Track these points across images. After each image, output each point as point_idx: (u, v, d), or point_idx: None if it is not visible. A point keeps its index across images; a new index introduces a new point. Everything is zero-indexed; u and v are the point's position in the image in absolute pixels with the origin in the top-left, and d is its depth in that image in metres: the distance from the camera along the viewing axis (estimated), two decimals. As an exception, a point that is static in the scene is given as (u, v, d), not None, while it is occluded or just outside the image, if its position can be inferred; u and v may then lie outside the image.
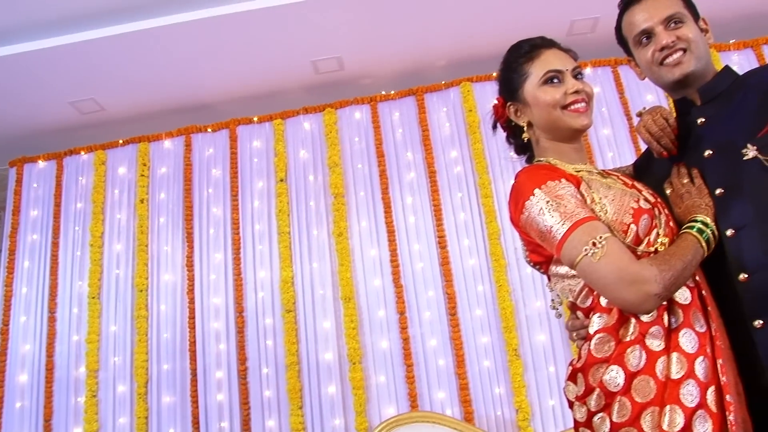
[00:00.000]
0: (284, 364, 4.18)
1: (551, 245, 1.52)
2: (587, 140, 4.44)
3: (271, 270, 4.42)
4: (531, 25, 4.27)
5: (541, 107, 1.70)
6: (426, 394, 4.08)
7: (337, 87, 4.76)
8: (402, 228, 4.38)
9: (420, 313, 4.22)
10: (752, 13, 4.68)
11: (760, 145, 1.59)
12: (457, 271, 4.25)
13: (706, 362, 1.44)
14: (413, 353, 4.14)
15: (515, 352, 4.04)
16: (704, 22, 1.85)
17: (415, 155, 4.54)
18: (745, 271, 1.55)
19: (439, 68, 4.71)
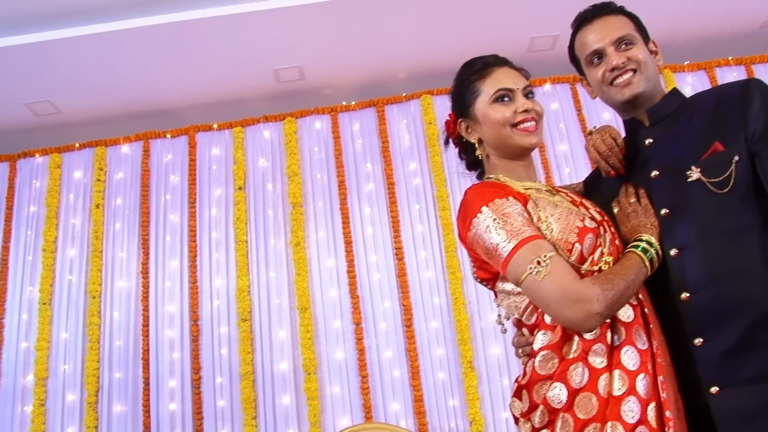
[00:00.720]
0: (239, 373, 4.15)
1: (497, 263, 1.54)
2: (545, 156, 4.50)
3: (228, 278, 4.38)
4: (492, 40, 4.34)
5: (491, 125, 1.72)
6: (380, 406, 4.08)
7: (298, 96, 4.75)
8: (359, 239, 4.39)
9: (376, 324, 4.22)
10: (706, 36, 4.80)
11: (703, 168, 1.63)
12: (413, 283, 4.27)
13: (647, 379, 1.47)
14: (368, 364, 4.14)
15: (470, 364, 4.07)
16: (654, 44, 1.89)
17: (375, 166, 4.56)
18: (687, 290, 1.59)
19: (400, 80, 4.73)
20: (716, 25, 4.74)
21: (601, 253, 1.57)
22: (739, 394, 1.51)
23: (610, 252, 1.59)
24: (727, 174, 1.60)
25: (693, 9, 4.50)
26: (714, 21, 4.69)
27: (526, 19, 4.25)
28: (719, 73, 4.79)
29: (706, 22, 4.69)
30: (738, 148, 1.60)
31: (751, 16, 4.70)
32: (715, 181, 1.61)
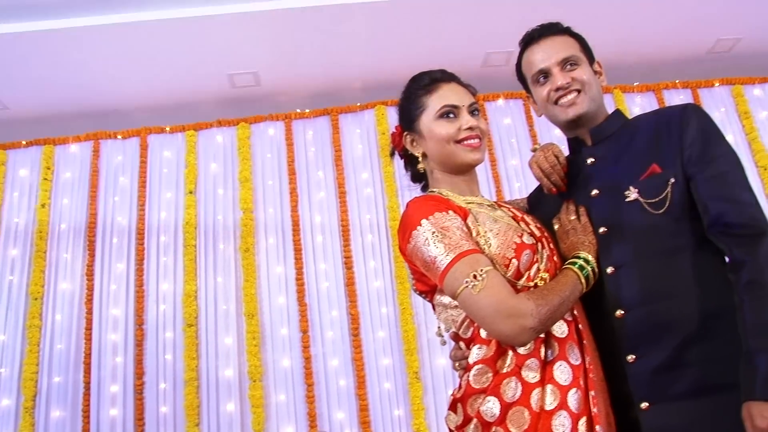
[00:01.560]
0: (183, 379, 4.09)
1: (435, 275, 1.55)
2: (495, 170, 4.56)
3: (175, 283, 4.32)
4: (447, 53, 4.40)
5: (436, 140, 1.73)
6: (325, 414, 4.07)
7: (252, 102, 4.74)
8: (309, 246, 4.38)
9: (323, 332, 4.21)
10: (655, 59, 4.94)
11: (641, 188, 1.67)
12: (361, 292, 4.27)
13: (578, 394, 1.49)
14: (314, 372, 4.13)
15: (416, 374, 4.08)
16: (599, 65, 1.93)
17: (327, 174, 4.56)
18: (622, 307, 1.62)
19: (355, 90, 4.75)
20: (665, 50, 4.88)
21: (537, 269, 1.59)
22: (667, 409, 1.55)
23: (547, 268, 1.61)
24: (663, 195, 1.64)
25: (644, 33, 4.62)
26: (663, 45, 4.83)
27: (481, 34, 4.31)
28: (667, 95, 4.92)
29: (656, 46, 4.82)
30: (674, 171, 1.65)
31: (698, 42, 4.85)
32: (652, 201, 1.65)
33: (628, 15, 4.38)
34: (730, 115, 4.94)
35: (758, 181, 4.77)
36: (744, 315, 1.49)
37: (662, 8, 4.36)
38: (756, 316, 1.48)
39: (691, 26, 4.64)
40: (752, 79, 5.04)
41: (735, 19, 4.63)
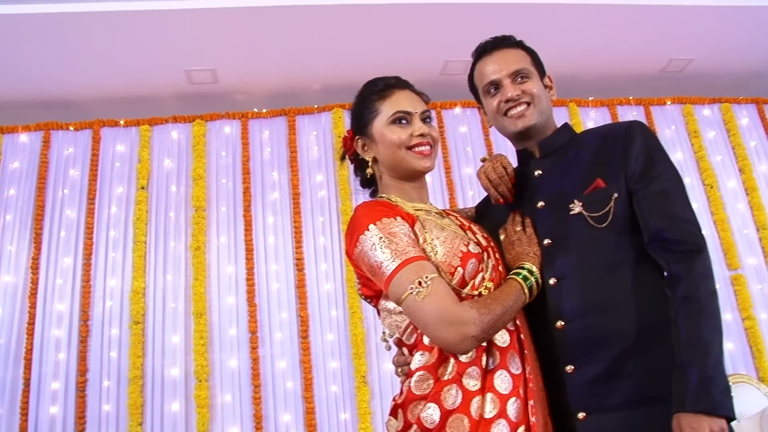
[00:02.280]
0: (127, 377, 4.01)
1: (380, 281, 1.56)
2: (450, 177, 4.59)
3: (123, 279, 4.25)
4: (406, 60, 4.43)
5: (387, 145, 1.74)
6: (271, 416, 4.05)
7: (209, 99, 4.69)
8: (261, 247, 4.35)
9: (272, 333, 4.19)
10: (611, 75, 5.03)
11: (585, 202, 1.70)
12: (312, 295, 4.26)
13: (518, 403, 1.51)
14: (262, 374, 4.10)
15: (363, 378, 4.08)
16: (549, 79, 1.96)
17: (281, 175, 4.53)
18: (562, 318, 1.65)
19: (313, 92, 4.73)
20: (621, 67, 4.98)
21: (482, 278, 1.61)
22: (604, 419, 1.58)
23: (492, 278, 1.63)
24: (606, 209, 1.68)
25: (601, 49, 4.71)
26: (619, 62, 4.93)
27: (440, 42, 4.34)
28: (620, 111, 5.03)
29: (612, 62, 4.92)
30: (618, 186, 1.69)
31: (652, 61, 4.97)
32: (595, 215, 1.68)
33: (585, 30, 4.46)
34: (680, 134, 5.07)
35: (704, 198, 4.90)
36: (678, 329, 1.53)
37: (618, 26, 4.45)
38: (689, 330, 1.52)
39: (645, 45, 4.75)
40: (702, 99, 5.18)
41: (688, 40, 4.75)
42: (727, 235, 4.78)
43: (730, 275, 4.71)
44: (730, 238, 4.78)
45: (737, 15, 4.49)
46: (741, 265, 4.75)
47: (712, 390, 1.46)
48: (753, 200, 4.94)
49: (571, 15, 4.25)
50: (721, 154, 5.06)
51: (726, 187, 4.96)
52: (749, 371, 4.46)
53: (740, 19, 4.54)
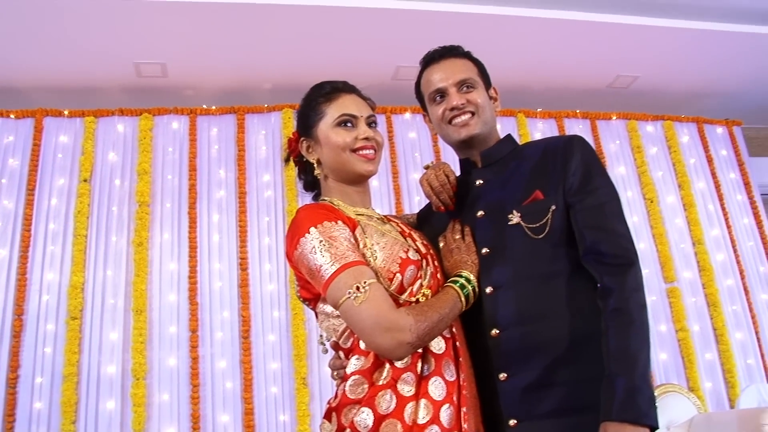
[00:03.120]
0: (62, 374, 3.91)
1: (319, 284, 1.56)
2: (397, 182, 4.61)
3: (61, 273, 4.14)
4: (359, 63, 4.44)
5: (331, 147, 1.75)
6: (209, 416, 3.99)
7: (157, 93, 4.61)
8: (205, 245, 4.30)
9: (212, 333, 4.14)
10: (559, 88, 5.14)
11: (523, 213, 1.73)
12: (254, 295, 4.23)
13: (451, 410, 1.53)
14: (201, 373, 4.04)
15: (303, 380, 4.07)
16: (495, 91, 1.99)
17: (228, 174, 4.49)
18: (497, 327, 1.67)
19: (264, 91, 4.70)
20: (569, 80, 5.09)
21: (420, 285, 1.63)
22: (534, 427, 1.60)
23: (430, 285, 1.65)
24: (543, 221, 1.71)
25: (551, 62, 4.80)
26: (568, 76, 5.03)
27: (393, 47, 4.36)
28: (567, 123, 5.13)
29: (561, 76, 5.02)
30: (556, 199, 1.72)
31: (600, 76, 5.08)
32: (533, 226, 1.71)
33: (536, 43, 4.54)
34: (624, 148, 5.20)
35: (644, 212, 5.04)
36: (608, 340, 1.56)
37: (568, 40, 4.54)
38: (618, 341, 1.55)
39: (594, 60, 4.86)
40: (646, 116, 5.32)
41: (634, 58, 4.87)
42: (665, 249, 4.92)
43: (666, 288, 4.86)
44: (667, 252, 4.92)
45: (682, 37, 4.63)
46: (677, 278, 4.89)
47: (638, 400, 1.49)
48: (690, 216, 5.10)
49: (523, 27, 4.32)
50: (662, 169, 5.21)
51: (665, 202, 5.11)
52: (680, 381, 4.60)
53: (685, 40, 4.68)
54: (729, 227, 5.21)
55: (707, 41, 4.73)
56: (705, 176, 5.31)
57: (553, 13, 4.28)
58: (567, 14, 4.30)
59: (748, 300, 5.02)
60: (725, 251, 5.11)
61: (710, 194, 5.27)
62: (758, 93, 5.60)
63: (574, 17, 4.32)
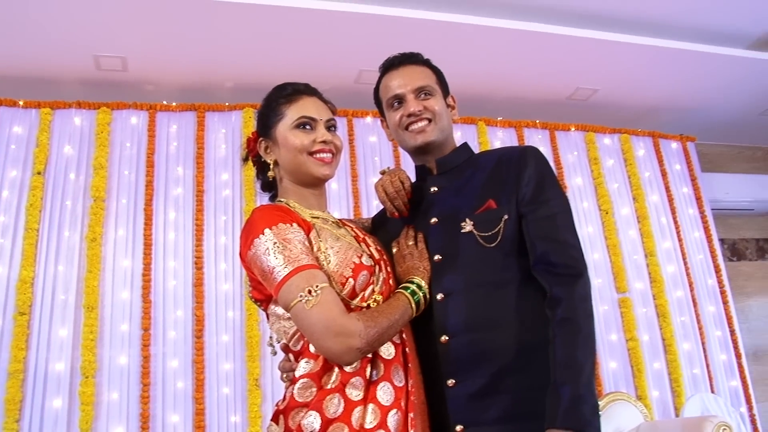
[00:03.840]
0: (6, 371, 3.79)
1: (271, 286, 1.56)
2: (356, 186, 4.61)
3: (10, 267, 4.03)
4: (322, 66, 4.44)
5: (289, 149, 1.75)
6: (159, 416, 3.94)
7: (117, 87, 4.54)
8: (160, 242, 4.24)
9: (165, 331, 4.08)
10: (520, 97, 5.20)
11: (476, 221, 1.75)
12: (209, 294, 4.18)
13: (398, 415, 1.54)
14: (152, 372, 3.98)
15: (256, 382, 4.04)
16: (453, 99, 2.01)
17: (186, 171, 4.43)
18: (447, 333, 1.69)
19: (225, 89, 4.66)
20: (530, 91, 5.15)
21: (372, 291, 1.64)
22: (480, 433, 1.62)
23: (382, 290, 1.66)
24: (496, 230, 1.72)
25: (513, 72, 4.86)
26: (529, 87, 5.09)
27: (356, 51, 4.36)
28: (527, 133, 5.19)
29: (523, 86, 5.08)
30: (509, 208, 1.74)
31: (560, 88, 5.15)
32: (485, 235, 1.73)
33: (498, 53, 4.58)
34: (582, 160, 5.28)
35: (599, 222, 5.13)
36: (555, 349, 1.59)
37: (530, 51, 4.60)
38: (565, 350, 1.58)
39: (554, 72, 4.93)
40: (604, 129, 5.42)
41: (594, 71, 4.96)
42: (618, 260, 5.02)
43: (617, 298, 4.95)
44: (620, 263, 5.02)
45: (642, 53, 4.72)
46: (629, 288, 4.99)
47: (582, 408, 1.52)
48: (644, 228, 5.21)
49: (486, 37, 4.36)
50: (618, 182, 5.31)
51: (620, 214, 5.21)
52: (629, 389, 4.69)
53: (644, 57, 4.77)
54: (680, 240, 5.34)
55: (666, 58, 4.83)
56: (659, 190, 5.43)
57: (517, 24, 4.33)
58: (530, 26, 4.35)
59: (696, 312, 5.15)
60: (676, 263, 5.23)
61: (663, 207, 5.39)
62: (712, 111, 5.75)
63: (536, 29, 4.37)
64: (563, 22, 4.42)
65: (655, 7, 4.41)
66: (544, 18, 4.37)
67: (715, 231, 5.57)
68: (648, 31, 4.64)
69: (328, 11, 3.99)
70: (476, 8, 4.20)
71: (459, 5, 4.15)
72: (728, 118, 5.92)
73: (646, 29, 4.62)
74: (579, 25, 4.47)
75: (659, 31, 4.65)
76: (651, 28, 4.62)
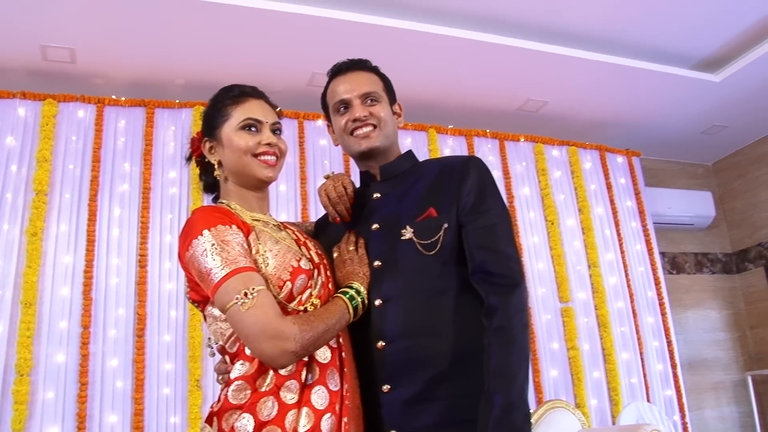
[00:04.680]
0: (-65, 369, 3.68)
1: (208, 287, 1.56)
2: (305, 188, 4.60)
3: (-55, 260, 3.92)
4: (275, 67, 4.43)
5: (233, 150, 1.76)
6: (96, 416, 3.85)
7: (64, 79, 4.43)
8: (104, 239, 4.15)
9: (106, 330, 3.99)
10: (471, 106, 5.25)
11: (416, 229, 1.77)
12: (152, 293, 4.11)
13: (332, 419, 1.55)
14: (90, 371, 3.89)
15: (197, 382, 3.99)
16: (399, 107, 2.04)
17: (133, 168, 4.34)
18: (384, 339, 1.71)
19: (176, 86, 4.59)
20: (481, 100, 5.20)
21: (309, 295, 1.65)
22: (414, 439, 1.64)
23: (320, 294, 1.67)
24: (435, 238, 1.75)
25: (465, 81, 4.90)
26: (481, 96, 5.14)
27: (309, 54, 4.35)
28: (477, 142, 5.25)
29: (475, 96, 5.13)
30: (449, 217, 1.77)
31: (511, 98, 5.22)
32: (425, 243, 1.75)
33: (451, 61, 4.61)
34: (530, 170, 5.36)
35: (545, 233, 5.22)
36: (489, 357, 1.62)
37: (484, 62, 4.64)
38: (498, 359, 1.61)
39: (506, 83, 4.99)
40: (553, 140, 5.52)
41: (545, 83, 5.04)
42: (562, 270, 5.11)
43: (560, 307, 5.04)
44: (564, 273, 5.11)
45: (592, 68, 4.82)
46: (571, 298, 5.09)
47: (514, 416, 1.56)
48: (588, 239, 5.32)
49: (440, 45, 4.39)
50: (564, 193, 5.40)
51: (565, 225, 5.30)
52: (568, 397, 4.78)
53: (594, 72, 4.87)
54: (623, 252, 5.46)
55: (614, 75, 4.94)
56: (604, 202, 5.54)
57: (470, 34, 4.37)
58: (483, 36, 4.40)
59: (635, 322, 5.27)
60: (618, 275, 5.35)
61: (607, 220, 5.51)
62: (657, 127, 5.91)
63: (490, 40, 4.42)
64: (516, 34, 4.49)
65: (605, 25, 4.50)
66: (498, 30, 4.42)
67: (657, 244, 5.72)
68: (598, 47, 4.74)
69: (283, 12, 3.97)
70: (431, 17, 4.23)
71: (415, 13, 4.18)
72: (672, 135, 6.09)
73: (597, 45, 4.72)
74: (531, 38, 4.54)
75: (609, 47, 4.75)
76: (601, 45, 4.72)
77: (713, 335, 6.27)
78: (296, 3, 4.00)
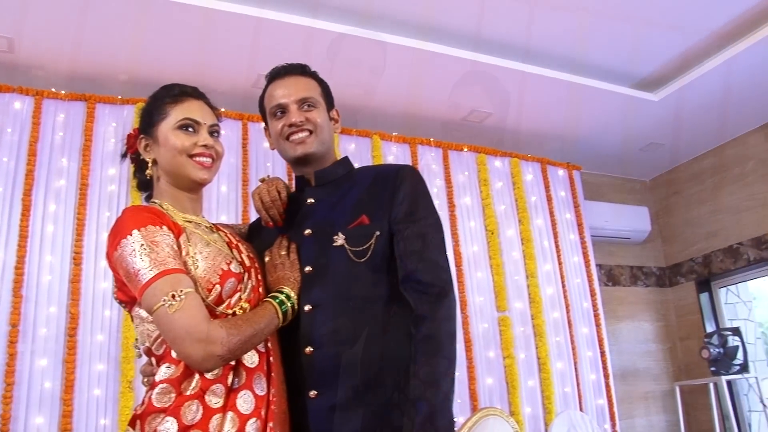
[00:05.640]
0: None
1: (135, 288, 1.55)
2: (246, 190, 4.54)
3: None
4: (220, 66, 4.40)
5: (169, 149, 1.76)
6: (22, 418, 3.72)
7: (1, 69, 4.30)
8: (37, 235, 4.02)
9: (36, 328, 3.87)
10: (416, 114, 5.27)
11: (348, 236, 1.79)
12: (86, 292, 4.00)
13: (257, 424, 1.55)
14: (18, 371, 3.77)
15: (129, 384, 3.91)
16: (336, 113, 2.06)
17: (71, 163, 4.23)
18: (312, 345, 1.72)
19: (118, 82, 4.49)
20: (426, 109, 5.22)
21: (239, 298, 1.65)
22: (339, 446, 1.65)
23: (249, 298, 1.67)
24: (366, 245, 1.77)
25: (411, 89, 4.90)
26: (425, 105, 5.16)
27: (256, 55, 4.30)
28: (420, 150, 5.28)
29: (419, 104, 5.14)
30: (381, 225, 1.79)
31: (456, 108, 5.26)
32: (356, 250, 1.77)
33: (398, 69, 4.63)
34: (472, 180, 5.43)
35: (484, 242, 5.29)
36: (415, 365, 1.64)
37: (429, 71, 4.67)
38: (425, 367, 1.64)
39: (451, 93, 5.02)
40: (495, 152, 5.59)
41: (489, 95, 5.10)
42: (500, 279, 5.18)
43: (497, 316, 5.11)
44: (502, 282, 5.19)
45: (534, 81, 4.88)
46: (508, 307, 5.16)
47: (437, 423, 1.59)
48: (527, 250, 5.41)
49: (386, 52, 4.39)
50: (505, 204, 5.48)
51: (505, 235, 5.38)
52: (503, 405, 4.85)
53: (535, 85, 4.95)
54: (560, 264, 5.57)
55: (556, 89, 5.04)
56: (543, 214, 5.64)
57: (418, 43, 4.40)
58: (429, 46, 4.43)
59: (570, 332, 5.38)
60: (555, 286, 5.46)
61: (546, 231, 5.60)
62: (597, 142, 6.06)
63: (435, 50, 4.46)
64: (464, 46, 4.54)
65: (551, 41, 4.60)
66: (445, 40, 4.47)
67: (593, 256, 5.84)
68: (543, 63, 4.83)
69: (230, 13, 3.94)
70: (379, 24, 4.26)
71: (363, 20, 4.19)
72: (611, 150, 6.25)
73: (542, 61, 4.80)
74: (478, 51, 4.60)
75: (554, 63, 4.85)
76: (546, 60, 4.81)
77: (645, 346, 6.45)
78: (243, 4, 3.97)
